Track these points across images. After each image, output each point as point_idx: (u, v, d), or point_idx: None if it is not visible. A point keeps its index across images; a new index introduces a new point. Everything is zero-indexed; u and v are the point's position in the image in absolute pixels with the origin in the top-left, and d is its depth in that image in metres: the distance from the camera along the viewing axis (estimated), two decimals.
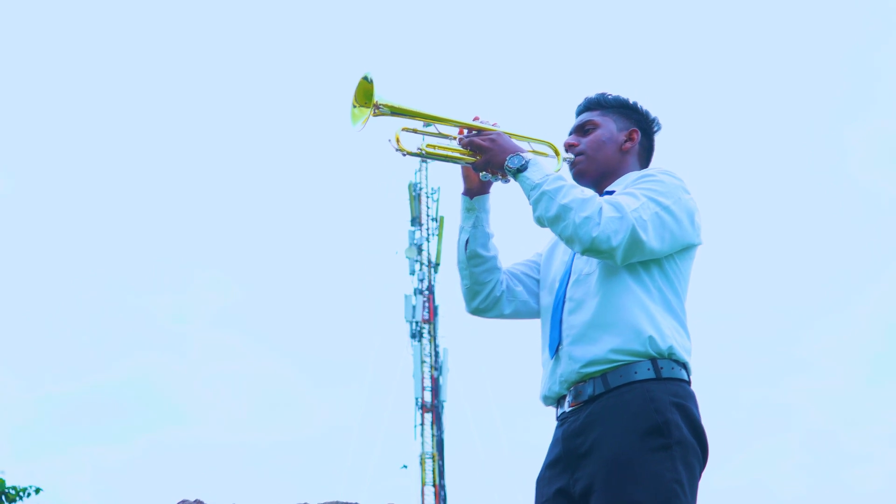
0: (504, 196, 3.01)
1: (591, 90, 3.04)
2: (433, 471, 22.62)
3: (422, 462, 22.63)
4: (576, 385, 2.76)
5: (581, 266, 2.85)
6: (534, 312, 3.05)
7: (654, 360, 2.69)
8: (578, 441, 2.70)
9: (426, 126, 2.85)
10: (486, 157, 2.84)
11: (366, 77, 2.77)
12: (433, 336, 24.06)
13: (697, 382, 2.79)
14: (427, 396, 23.34)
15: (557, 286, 2.91)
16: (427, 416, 23.17)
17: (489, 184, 2.99)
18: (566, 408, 2.79)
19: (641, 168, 3.00)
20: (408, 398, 23.56)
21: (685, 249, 2.82)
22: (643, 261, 2.75)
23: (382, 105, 2.76)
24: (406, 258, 24.76)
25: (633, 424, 2.62)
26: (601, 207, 2.68)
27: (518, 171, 2.78)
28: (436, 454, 22.75)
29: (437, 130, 2.87)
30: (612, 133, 2.98)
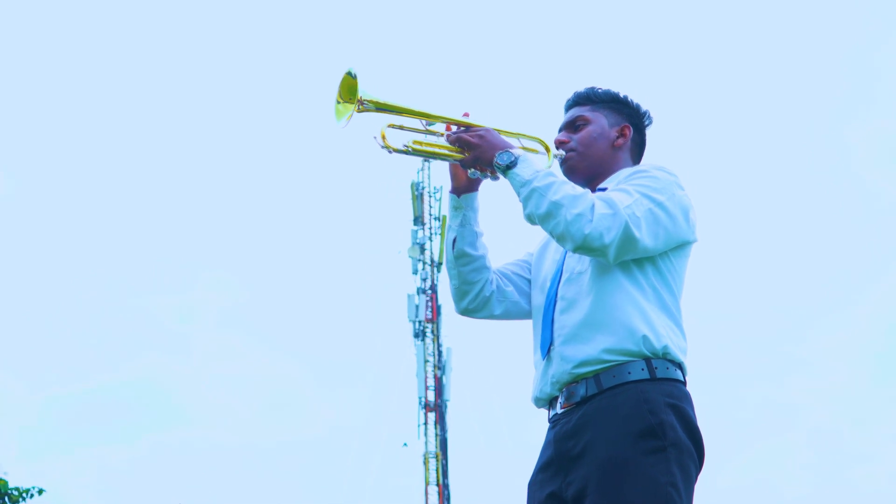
0: (495, 194, 2.95)
1: (582, 84, 2.98)
2: (437, 470, 22.59)
3: (425, 461, 22.59)
4: (568, 386, 2.70)
5: (573, 264, 2.79)
6: (525, 313, 2.99)
7: (649, 360, 2.63)
8: (570, 443, 2.64)
9: (413, 122, 2.79)
10: (475, 154, 2.78)
11: (349, 72, 2.71)
12: (436, 335, 24.03)
13: (701, 382, 2.74)
14: (430, 396, 23.31)
15: (549, 285, 2.85)
16: (430, 416, 23.13)
17: (477, 182, 2.93)
18: (558, 409, 2.73)
19: (634, 164, 2.95)
20: (411, 398, 23.57)
21: (680, 247, 2.77)
22: (637, 258, 2.69)
23: (367, 101, 2.70)
24: (409, 257, 24.71)
25: (627, 426, 2.56)
26: (593, 204, 2.62)
27: (507, 168, 2.72)
28: (439, 453, 22.71)
29: (425, 127, 2.81)
30: (604, 129, 2.91)
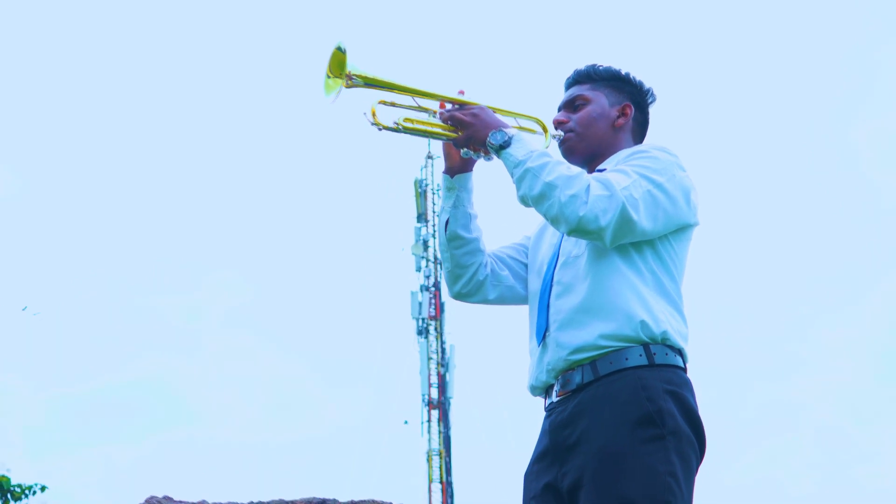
0: (490, 175, 2.86)
1: (583, 61, 2.88)
2: (440, 468, 22.52)
3: (429, 459, 22.53)
4: (564, 373, 2.61)
5: (569, 248, 2.70)
6: (521, 298, 2.91)
7: (647, 346, 2.54)
8: (566, 433, 2.55)
9: (405, 99, 2.70)
10: (468, 133, 2.69)
11: (339, 47, 2.62)
12: (440, 333, 23.96)
13: (705, 380, 2.65)
14: (434, 393, 23.24)
15: (545, 270, 2.76)
16: (434, 413, 23.07)
17: (471, 162, 2.84)
18: (554, 398, 2.64)
19: (636, 144, 2.85)
20: (414, 395, 23.50)
21: (680, 230, 2.67)
22: (635, 242, 2.60)
23: (355, 76, 2.61)
24: (412, 255, 24.65)
25: (624, 414, 2.48)
26: (588, 185, 2.53)
27: (501, 148, 2.63)
28: (443, 451, 22.65)
29: (417, 104, 2.71)
30: (604, 108, 2.82)
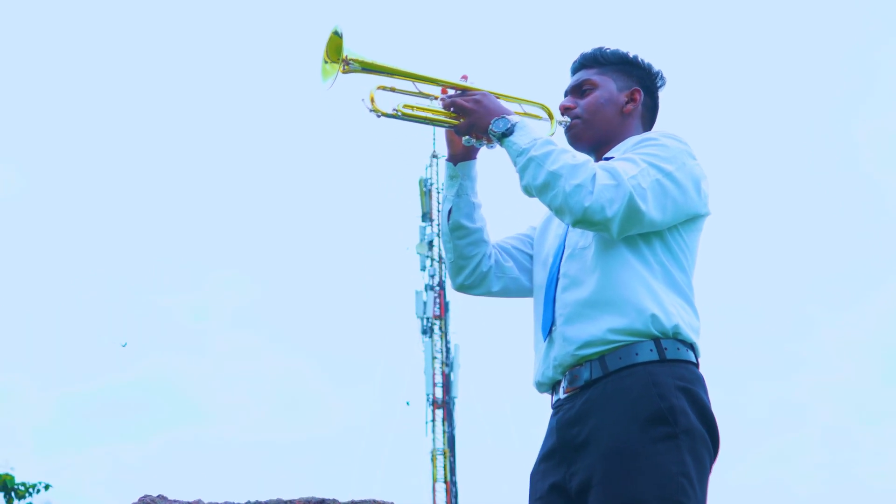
0: (495, 163, 2.75)
1: (590, 44, 2.79)
2: (445, 467, 22.46)
3: (433, 458, 22.46)
4: (571, 369, 2.52)
5: (576, 240, 2.60)
6: (526, 290, 2.80)
7: (658, 341, 2.44)
8: (574, 431, 2.45)
9: (405, 85, 2.61)
10: (470, 120, 2.59)
11: (335, 31, 2.53)
12: (444, 332, 23.89)
13: (710, 378, 2.53)
14: (438, 393, 23.18)
15: (551, 262, 2.67)
16: (438, 413, 23.00)
17: (475, 149, 2.75)
18: (561, 394, 2.55)
19: (645, 131, 2.76)
20: (419, 395, 23.44)
21: (691, 220, 2.58)
22: (643, 233, 2.50)
23: (352, 60, 2.51)
24: (417, 254, 24.59)
25: (635, 412, 2.38)
26: (594, 174, 2.43)
27: (504, 136, 2.54)
28: (447, 450, 22.58)
29: (418, 90, 2.62)
30: (612, 94, 2.73)
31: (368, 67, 2.54)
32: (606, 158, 2.63)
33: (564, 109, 2.73)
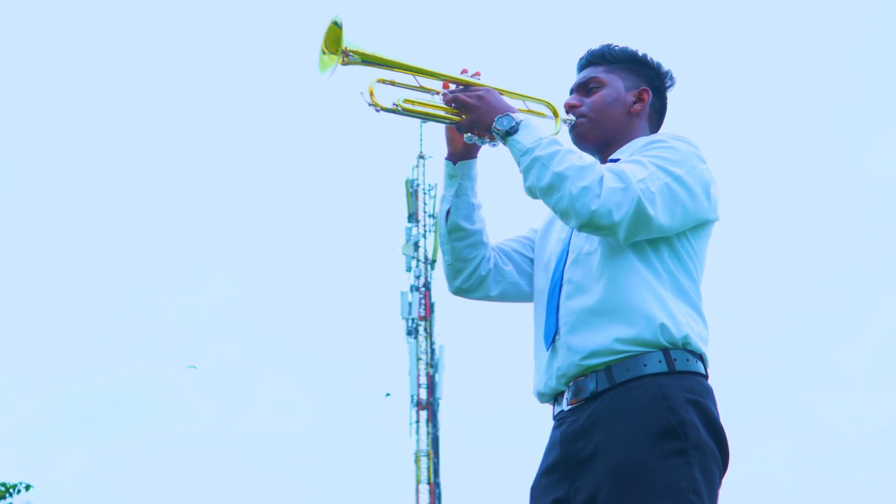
0: (497, 162, 2.66)
1: (598, 41, 2.70)
2: (428, 468, 22.44)
3: (417, 460, 22.43)
4: (575, 380, 2.42)
5: (580, 244, 2.51)
6: (525, 295, 2.71)
7: (667, 351, 2.36)
8: (579, 445, 2.36)
9: (406, 79, 2.51)
10: (472, 117, 2.50)
11: (335, 21, 2.44)
12: (429, 333, 23.92)
13: (719, 387, 2.45)
14: (423, 394, 23.18)
15: (553, 267, 2.57)
16: (423, 414, 22.97)
17: (476, 148, 2.65)
18: (564, 406, 2.45)
19: (652, 132, 2.68)
20: (403, 395, 23.40)
21: (699, 226, 2.49)
22: (651, 239, 2.41)
23: (352, 52, 2.42)
24: (402, 255, 24.59)
25: (643, 426, 2.29)
26: (602, 176, 2.34)
27: (507, 134, 2.45)
28: (431, 452, 22.55)
29: (419, 84, 2.52)
30: (620, 93, 2.64)
31: (369, 60, 2.44)
32: (612, 160, 2.54)
33: (570, 107, 2.65)
